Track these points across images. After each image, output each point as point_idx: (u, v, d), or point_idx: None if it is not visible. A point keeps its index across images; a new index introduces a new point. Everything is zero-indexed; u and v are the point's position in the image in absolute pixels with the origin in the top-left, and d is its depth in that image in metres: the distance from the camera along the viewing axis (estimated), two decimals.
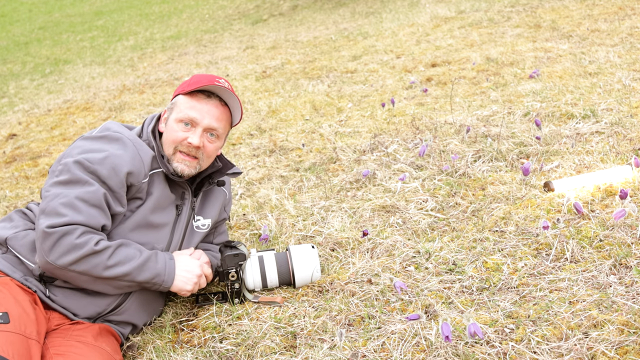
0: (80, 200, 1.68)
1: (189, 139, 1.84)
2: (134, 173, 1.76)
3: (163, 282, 1.82)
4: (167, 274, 1.82)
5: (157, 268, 1.80)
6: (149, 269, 1.78)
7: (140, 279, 1.77)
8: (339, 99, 4.19)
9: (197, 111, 1.85)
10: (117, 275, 1.73)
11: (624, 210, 1.92)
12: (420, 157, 2.80)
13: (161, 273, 1.81)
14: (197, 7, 13.67)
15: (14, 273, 1.74)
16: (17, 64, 10.61)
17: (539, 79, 3.69)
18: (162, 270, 1.81)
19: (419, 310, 1.76)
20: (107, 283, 1.75)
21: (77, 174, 1.71)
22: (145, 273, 1.77)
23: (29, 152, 4.49)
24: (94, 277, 1.71)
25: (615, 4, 5.36)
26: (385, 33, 6.40)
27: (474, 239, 2.09)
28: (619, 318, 1.57)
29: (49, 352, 1.63)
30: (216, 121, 1.88)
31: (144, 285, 1.81)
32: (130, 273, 1.74)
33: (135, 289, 1.84)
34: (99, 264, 1.69)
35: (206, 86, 1.85)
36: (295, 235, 2.36)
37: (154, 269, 1.79)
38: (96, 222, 1.71)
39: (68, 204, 1.67)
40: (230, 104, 1.91)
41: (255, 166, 3.22)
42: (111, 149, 1.77)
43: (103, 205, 1.72)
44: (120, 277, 1.74)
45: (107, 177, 1.72)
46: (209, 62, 7.00)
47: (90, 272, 1.69)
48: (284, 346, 1.72)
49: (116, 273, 1.72)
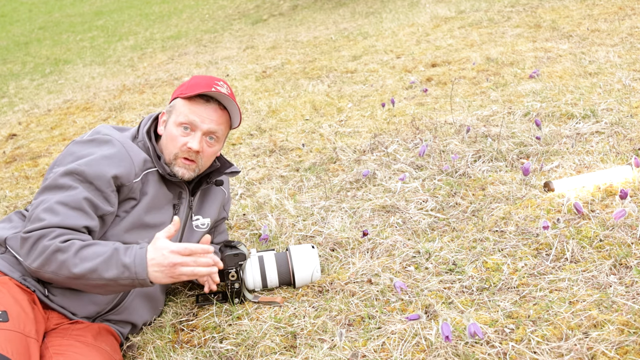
0: (60, 204, 1.67)
1: (189, 143, 1.84)
2: (122, 173, 1.76)
3: (136, 275, 1.60)
4: (137, 265, 1.60)
5: (124, 261, 1.61)
6: (115, 263, 1.60)
7: (108, 276, 1.59)
8: (339, 99, 4.19)
9: (196, 115, 1.86)
10: (84, 272, 1.59)
11: (624, 210, 1.92)
12: (420, 157, 2.80)
13: (129, 265, 1.60)
14: (197, 7, 13.67)
15: (13, 273, 1.74)
16: (17, 64, 10.60)
17: (539, 79, 3.68)
18: (130, 262, 1.60)
19: (419, 310, 1.76)
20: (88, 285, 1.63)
21: (62, 180, 1.71)
22: (112, 269, 1.60)
23: (29, 152, 4.49)
24: (65, 277, 1.61)
25: (615, 4, 5.36)
26: (385, 33, 6.40)
27: (474, 239, 2.09)
28: (619, 318, 1.56)
29: (49, 351, 1.63)
30: (216, 125, 1.88)
31: (121, 284, 1.62)
32: (97, 269, 1.59)
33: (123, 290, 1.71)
34: (65, 260, 1.59)
35: (205, 91, 1.85)
36: (295, 235, 2.36)
37: (120, 262, 1.60)
38: (74, 223, 1.66)
39: (48, 209, 1.67)
40: (229, 107, 1.92)
41: (255, 166, 3.22)
42: (99, 151, 1.78)
43: (84, 208, 1.69)
44: (88, 275, 1.59)
45: (93, 177, 1.72)
46: (209, 62, 7.00)
47: (59, 271, 1.60)
48: (284, 346, 1.72)
49: (83, 270, 1.59)
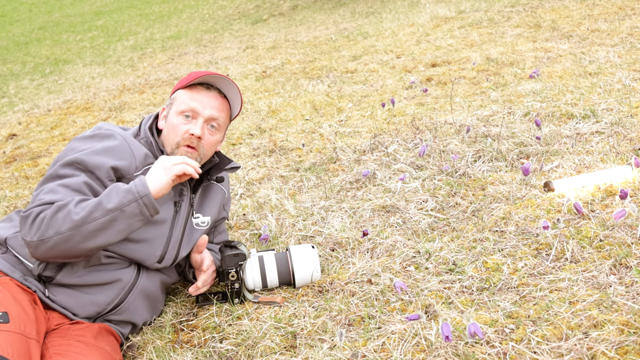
0: (61, 185, 1.70)
1: (191, 130, 1.86)
2: (122, 165, 1.78)
3: (139, 194, 1.64)
4: (137, 185, 1.65)
5: (124, 188, 1.65)
6: (116, 193, 1.64)
7: (110, 206, 1.61)
8: (339, 99, 4.19)
9: (197, 102, 1.88)
10: (86, 215, 1.60)
11: (624, 210, 1.92)
12: (420, 157, 2.80)
13: (130, 188, 1.65)
14: (197, 7, 13.67)
15: (14, 273, 1.75)
16: (17, 64, 10.61)
17: (539, 79, 3.68)
18: (130, 186, 1.65)
19: (419, 310, 1.76)
20: (90, 235, 1.62)
21: (64, 170, 1.74)
22: (113, 198, 1.63)
23: (29, 152, 4.49)
24: (69, 230, 1.60)
25: (615, 4, 5.36)
26: (385, 33, 6.40)
27: (474, 239, 2.09)
28: (619, 318, 1.57)
29: (49, 351, 1.63)
30: (217, 111, 1.90)
31: (126, 212, 1.63)
32: (99, 203, 1.61)
33: (128, 230, 1.68)
34: (67, 214, 1.60)
35: (205, 77, 1.88)
36: (295, 235, 2.36)
37: (120, 190, 1.65)
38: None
39: (48, 190, 1.69)
40: (230, 95, 1.94)
41: (255, 166, 3.22)
42: (101, 143, 1.80)
43: (84, 190, 1.71)
44: (92, 217, 1.60)
45: (93, 167, 1.74)
46: (209, 62, 7.00)
47: (62, 227, 1.60)
48: (284, 346, 1.72)
49: (84, 213, 1.60)
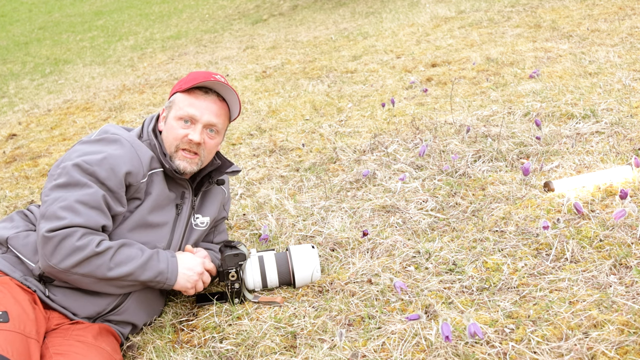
0: (80, 202, 1.69)
1: (190, 135, 1.86)
2: (132, 173, 1.77)
3: (167, 280, 1.82)
4: (170, 271, 1.83)
5: (159, 267, 1.80)
6: (152, 267, 1.79)
7: (143, 278, 1.77)
8: (339, 99, 4.18)
9: (196, 108, 1.87)
10: (120, 276, 1.73)
11: (624, 210, 1.92)
12: (420, 157, 2.80)
13: (164, 271, 1.81)
14: (197, 7, 13.67)
15: (14, 273, 1.74)
16: (17, 64, 10.61)
17: (539, 79, 3.68)
18: (164, 268, 1.82)
19: (419, 310, 1.76)
20: (110, 284, 1.75)
21: (76, 177, 1.71)
22: (148, 272, 1.78)
23: (29, 152, 4.49)
24: (97, 278, 1.71)
25: (615, 4, 5.36)
26: (385, 33, 6.40)
27: (474, 239, 2.09)
28: (619, 318, 1.56)
29: (49, 351, 1.63)
30: (215, 117, 1.90)
31: (147, 284, 1.82)
32: (133, 272, 1.74)
33: (138, 288, 1.84)
34: (101, 264, 1.69)
35: (203, 82, 1.87)
36: (295, 235, 2.36)
37: (156, 267, 1.80)
38: (95, 223, 1.70)
39: (67, 207, 1.67)
40: (228, 98, 1.93)
41: (255, 166, 3.22)
42: (109, 150, 1.78)
43: (102, 207, 1.72)
44: (123, 277, 1.74)
45: (105, 177, 1.72)
46: (209, 62, 7.00)
47: (93, 273, 1.69)
48: (284, 346, 1.72)
49: (119, 273, 1.72)
